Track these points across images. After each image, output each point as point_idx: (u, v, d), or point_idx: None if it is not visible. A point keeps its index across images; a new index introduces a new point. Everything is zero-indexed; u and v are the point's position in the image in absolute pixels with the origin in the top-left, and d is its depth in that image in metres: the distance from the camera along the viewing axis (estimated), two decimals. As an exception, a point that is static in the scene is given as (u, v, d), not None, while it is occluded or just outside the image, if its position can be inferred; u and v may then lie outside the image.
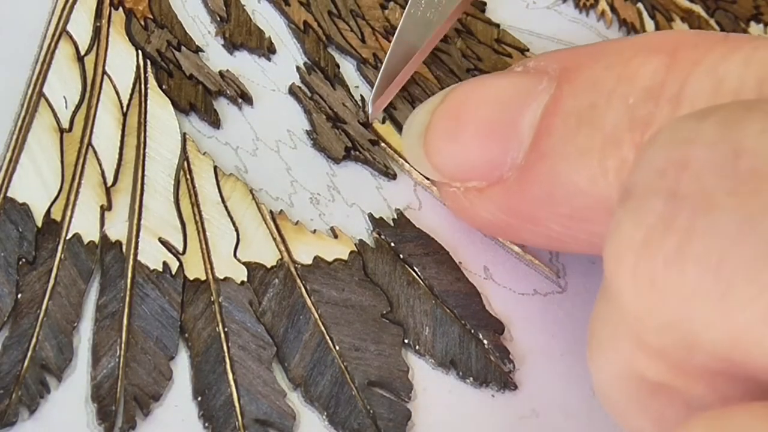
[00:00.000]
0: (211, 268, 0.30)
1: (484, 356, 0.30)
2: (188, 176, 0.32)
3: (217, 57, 0.34)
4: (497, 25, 0.37)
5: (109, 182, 0.31)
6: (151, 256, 0.30)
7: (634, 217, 0.19)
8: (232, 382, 0.28)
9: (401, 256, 0.31)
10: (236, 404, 0.28)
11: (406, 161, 0.33)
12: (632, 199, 0.20)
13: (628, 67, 0.24)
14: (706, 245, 0.18)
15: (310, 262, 0.31)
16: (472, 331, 0.30)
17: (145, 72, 0.33)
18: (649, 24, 0.37)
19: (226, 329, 0.29)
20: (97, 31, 0.34)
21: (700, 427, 0.18)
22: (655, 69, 0.23)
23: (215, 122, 0.33)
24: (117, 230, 0.30)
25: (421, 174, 0.31)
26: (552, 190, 0.25)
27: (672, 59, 0.23)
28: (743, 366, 0.18)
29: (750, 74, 0.21)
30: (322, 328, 0.29)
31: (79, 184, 0.31)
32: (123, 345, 0.28)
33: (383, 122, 0.34)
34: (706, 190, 0.18)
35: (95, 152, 0.32)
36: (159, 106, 0.33)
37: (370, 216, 0.32)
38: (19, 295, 0.29)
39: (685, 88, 0.22)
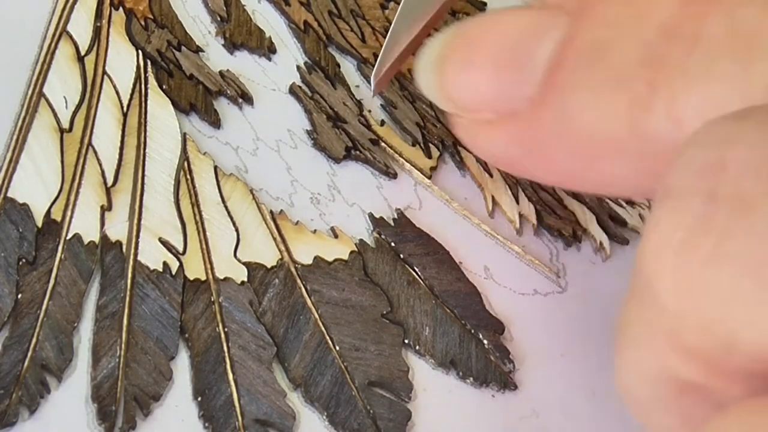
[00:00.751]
0: (211, 268, 0.30)
1: (484, 356, 0.29)
2: (188, 176, 0.32)
3: (217, 57, 0.34)
4: (498, 25, 0.37)
5: (109, 182, 0.31)
6: (151, 256, 0.30)
7: (673, 216, 0.19)
8: (232, 383, 0.28)
9: (401, 256, 0.31)
10: (236, 404, 0.28)
11: (407, 161, 0.33)
12: (671, 198, 0.20)
13: (645, 5, 0.23)
14: (743, 246, 0.18)
15: (310, 262, 0.31)
16: (472, 331, 0.30)
17: (146, 72, 0.33)
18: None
19: (226, 329, 0.29)
20: (97, 31, 0.34)
21: (737, 414, 0.18)
22: (672, 8, 0.23)
23: (215, 122, 0.33)
24: (117, 230, 0.30)
25: (434, 104, 0.29)
26: (563, 126, 0.24)
27: None
28: None
29: None
30: (323, 328, 0.29)
31: (79, 184, 0.31)
32: (123, 345, 0.28)
33: (382, 124, 0.34)
34: (744, 192, 0.18)
35: (95, 152, 0.32)
36: (159, 106, 0.33)
37: (371, 216, 0.32)
38: (19, 296, 0.29)
39: (702, 28, 0.22)
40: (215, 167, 0.32)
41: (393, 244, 0.31)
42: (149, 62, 0.34)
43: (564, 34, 0.24)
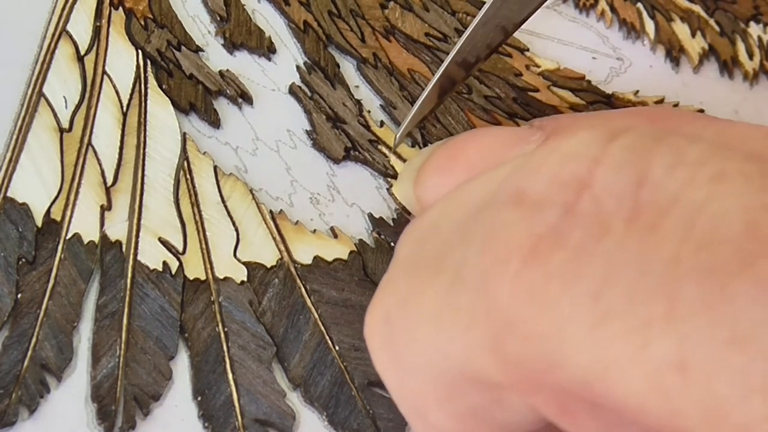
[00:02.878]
0: (211, 268, 0.30)
1: (483, 356, 0.30)
2: (188, 176, 0.32)
3: (217, 57, 0.34)
4: (497, 25, 0.37)
5: (109, 182, 0.31)
6: (151, 255, 0.30)
7: (526, 223, 0.19)
8: (232, 382, 0.28)
9: (401, 256, 0.31)
10: (236, 404, 0.28)
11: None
12: (526, 202, 0.19)
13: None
14: (591, 269, 0.17)
15: (309, 262, 0.31)
16: (472, 331, 0.30)
17: (145, 72, 0.33)
18: (649, 24, 0.37)
19: (226, 329, 0.29)
20: (97, 31, 0.34)
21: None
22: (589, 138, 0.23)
23: (215, 122, 0.33)
24: (117, 230, 0.30)
25: (404, 205, 0.31)
26: None
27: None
28: (602, 397, 0.17)
29: None
30: (322, 328, 0.29)
31: (79, 184, 0.31)
32: (123, 345, 0.28)
33: (381, 125, 0.34)
34: (604, 214, 0.18)
35: (95, 152, 0.32)
36: (159, 105, 0.33)
37: (370, 216, 0.32)
38: (19, 295, 0.29)
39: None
40: (215, 167, 0.32)
41: (392, 244, 0.31)
42: (149, 62, 0.34)
43: (520, 163, 0.24)
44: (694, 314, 0.16)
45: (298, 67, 0.35)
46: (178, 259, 0.30)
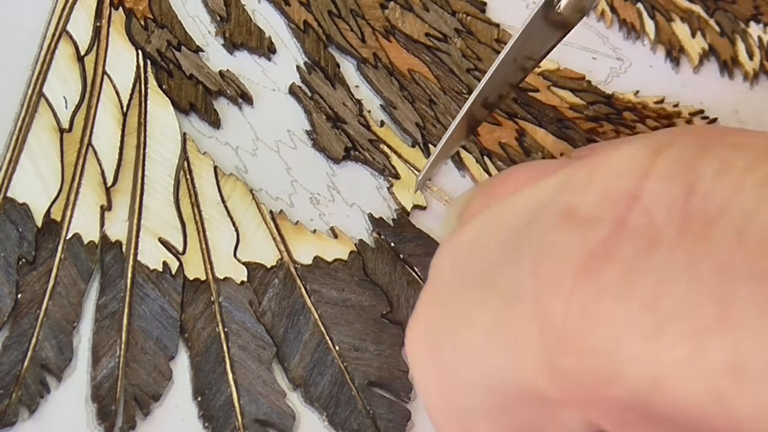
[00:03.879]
0: (211, 268, 0.30)
1: (483, 356, 0.30)
2: (188, 176, 0.32)
3: (217, 57, 0.34)
4: (497, 25, 0.37)
5: (109, 182, 0.31)
6: (151, 256, 0.30)
7: (578, 239, 0.19)
8: (232, 382, 0.28)
9: (401, 256, 0.31)
10: (236, 404, 0.28)
11: (406, 162, 0.33)
12: (576, 220, 0.19)
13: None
14: (645, 280, 0.18)
15: (309, 262, 0.31)
16: (472, 331, 0.30)
17: (145, 72, 0.33)
18: (649, 24, 0.37)
19: (226, 329, 0.29)
20: (97, 31, 0.34)
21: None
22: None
23: (215, 122, 0.33)
24: (117, 230, 0.30)
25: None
26: None
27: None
28: (659, 406, 0.18)
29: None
30: (322, 329, 0.29)
31: (79, 184, 0.31)
32: (123, 345, 0.28)
33: (381, 125, 0.34)
34: (654, 226, 0.18)
35: (95, 152, 0.32)
36: (159, 106, 0.33)
37: (370, 216, 0.32)
38: (19, 295, 0.29)
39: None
40: (215, 167, 0.32)
41: (393, 244, 0.31)
42: (149, 62, 0.34)
43: (565, 180, 0.24)
44: (747, 318, 0.16)
45: (298, 67, 0.35)
46: (178, 260, 0.30)
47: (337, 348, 0.29)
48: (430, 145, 0.33)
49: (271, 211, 0.31)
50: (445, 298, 0.23)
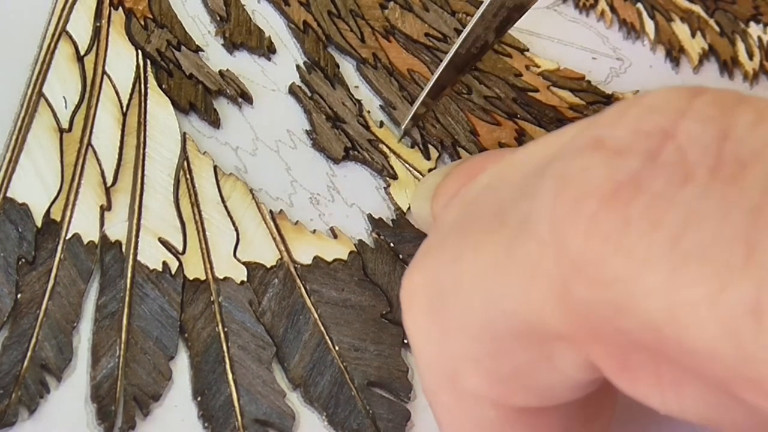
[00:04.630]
0: (211, 268, 0.30)
1: (483, 356, 0.30)
2: (188, 176, 0.32)
3: (217, 57, 0.34)
4: (497, 25, 0.37)
5: (109, 182, 0.31)
6: (151, 256, 0.30)
7: (606, 168, 0.19)
8: (231, 382, 0.28)
9: (401, 256, 0.31)
10: (236, 404, 0.28)
11: (405, 162, 0.33)
12: (605, 149, 0.19)
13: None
14: (673, 215, 0.18)
15: (309, 262, 0.31)
16: (472, 331, 0.30)
17: (145, 72, 0.33)
18: (649, 24, 0.37)
19: (225, 329, 0.29)
20: (96, 31, 0.34)
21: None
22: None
23: (215, 122, 0.33)
24: (117, 230, 0.30)
25: (416, 222, 0.31)
26: None
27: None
28: (670, 342, 0.18)
29: None
30: (322, 329, 0.29)
31: (79, 184, 0.31)
32: (123, 345, 0.28)
33: (381, 126, 0.34)
34: (687, 163, 0.18)
35: (95, 152, 0.32)
36: (159, 106, 0.33)
37: (370, 216, 0.32)
38: (19, 295, 0.29)
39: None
40: (215, 167, 0.32)
41: (392, 245, 0.31)
42: (149, 62, 0.34)
43: (591, 120, 0.25)
44: None
45: (297, 67, 0.35)
46: (178, 259, 0.30)
47: (336, 348, 0.29)
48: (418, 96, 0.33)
49: (270, 211, 0.31)
50: (449, 240, 0.23)
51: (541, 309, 0.20)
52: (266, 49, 0.35)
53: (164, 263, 0.30)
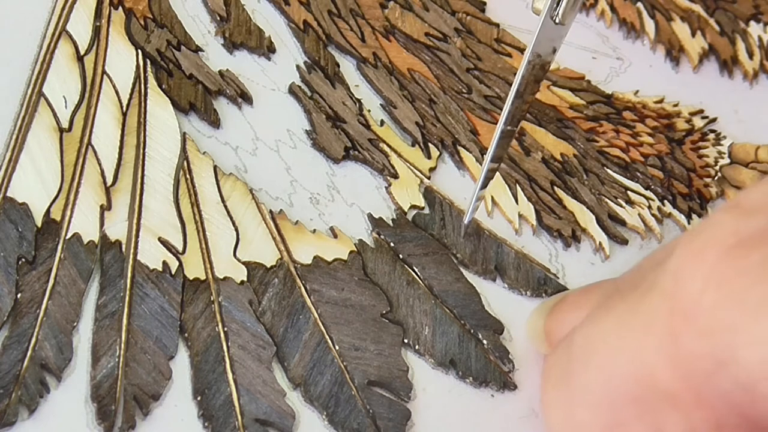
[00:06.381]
0: (211, 268, 0.30)
1: (483, 356, 0.30)
2: (188, 176, 0.32)
3: (217, 56, 0.34)
4: (497, 25, 0.37)
5: (109, 182, 0.31)
6: (151, 255, 0.30)
7: (734, 223, 0.20)
8: (231, 382, 0.28)
9: (401, 256, 0.31)
10: (236, 404, 0.28)
11: (406, 161, 0.33)
12: (737, 209, 0.20)
13: None
14: None
15: (309, 261, 0.31)
16: (472, 330, 0.30)
17: (145, 72, 0.33)
18: (649, 24, 0.37)
19: (225, 329, 0.29)
20: (96, 31, 0.34)
21: None
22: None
23: (215, 122, 0.33)
24: (117, 230, 0.30)
25: (534, 345, 0.30)
26: None
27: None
28: (764, 400, 0.18)
29: None
30: (322, 328, 0.29)
31: (79, 183, 0.31)
32: (123, 345, 0.28)
33: (381, 124, 0.34)
34: None
35: (95, 152, 0.32)
36: (159, 105, 0.33)
37: (370, 216, 0.32)
38: (19, 295, 0.29)
39: None
40: (215, 167, 0.32)
41: (392, 244, 0.31)
42: (149, 62, 0.34)
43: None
44: None
45: (297, 67, 0.35)
46: (178, 259, 0.30)
47: (336, 347, 0.29)
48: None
49: (270, 211, 0.31)
50: (590, 312, 0.24)
51: (653, 363, 0.20)
52: (266, 48, 0.35)
53: (164, 263, 0.30)
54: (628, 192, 0.33)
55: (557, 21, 0.29)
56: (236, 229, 0.31)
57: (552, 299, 0.29)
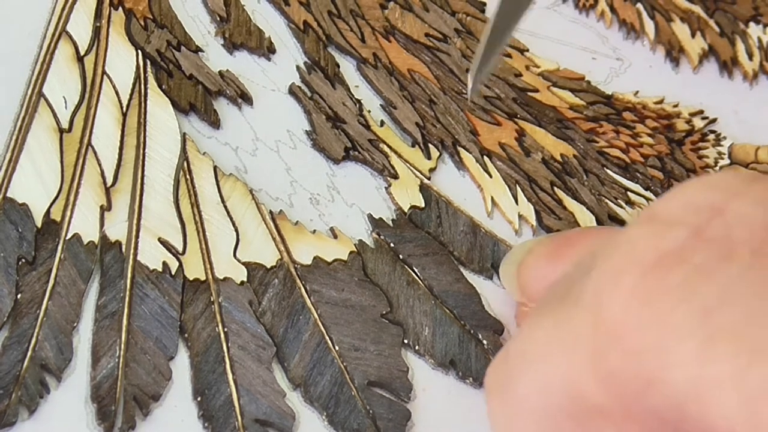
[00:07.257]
0: (211, 268, 0.30)
1: (483, 356, 0.30)
2: (188, 176, 0.32)
3: (217, 57, 0.34)
4: (497, 25, 0.37)
5: (109, 182, 0.31)
6: (151, 256, 0.30)
7: (653, 239, 0.19)
8: (231, 382, 0.28)
9: (401, 256, 0.31)
10: (236, 404, 0.28)
11: (406, 162, 0.33)
12: (655, 223, 0.20)
13: None
14: (710, 289, 0.18)
15: (309, 262, 0.31)
16: (472, 331, 0.30)
17: (145, 72, 0.33)
18: (649, 24, 0.37)
19: (225, 329, 0.29)
20: (96, 31, 0.34)
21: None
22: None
23: (215, 122, 0.33)
24: (117, 230, 0.30)
25: (508, 291, 0.31)
26: None
27: None
28: (692, 419, 0.18)
29: None
30: (322, 329, 0.29)
31: (79, 184, 0.31)
32: (122, 345, 0.28)
33: (381, 125, 0.34)
34: (731, 241, 0.19)
35: (95, 152, 0.32)
36: (159, 106, 0.33)
37: (370, 216, 0.32)
38: (19, 296, 0.29)
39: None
40: (215, 167, 0.32)
41: (392, 245, 0.31)
42: (149, 62, 0.34)
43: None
44: None
45: (297, 67, 0.35)
46: (178, 260, 0.30)
47: (336, 348, 0.29)
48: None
49: (270, 212, 0.31)
50: (524, 324, 0.24)
51: (582, 380, 0.20)
52: (266, 49, 0.35)
53: (164, 263, 0.30)
54: (628, 193, 0.33)
55: None
56: (236, 230, 0.31)
57: (524, 246, 0.29)
